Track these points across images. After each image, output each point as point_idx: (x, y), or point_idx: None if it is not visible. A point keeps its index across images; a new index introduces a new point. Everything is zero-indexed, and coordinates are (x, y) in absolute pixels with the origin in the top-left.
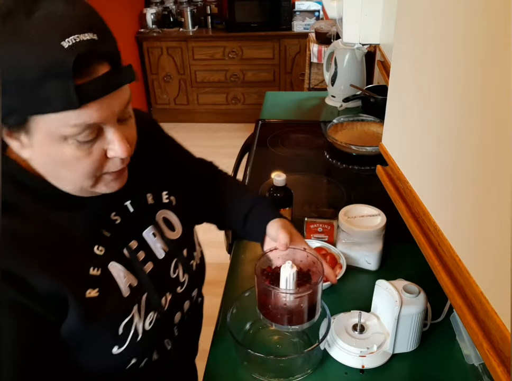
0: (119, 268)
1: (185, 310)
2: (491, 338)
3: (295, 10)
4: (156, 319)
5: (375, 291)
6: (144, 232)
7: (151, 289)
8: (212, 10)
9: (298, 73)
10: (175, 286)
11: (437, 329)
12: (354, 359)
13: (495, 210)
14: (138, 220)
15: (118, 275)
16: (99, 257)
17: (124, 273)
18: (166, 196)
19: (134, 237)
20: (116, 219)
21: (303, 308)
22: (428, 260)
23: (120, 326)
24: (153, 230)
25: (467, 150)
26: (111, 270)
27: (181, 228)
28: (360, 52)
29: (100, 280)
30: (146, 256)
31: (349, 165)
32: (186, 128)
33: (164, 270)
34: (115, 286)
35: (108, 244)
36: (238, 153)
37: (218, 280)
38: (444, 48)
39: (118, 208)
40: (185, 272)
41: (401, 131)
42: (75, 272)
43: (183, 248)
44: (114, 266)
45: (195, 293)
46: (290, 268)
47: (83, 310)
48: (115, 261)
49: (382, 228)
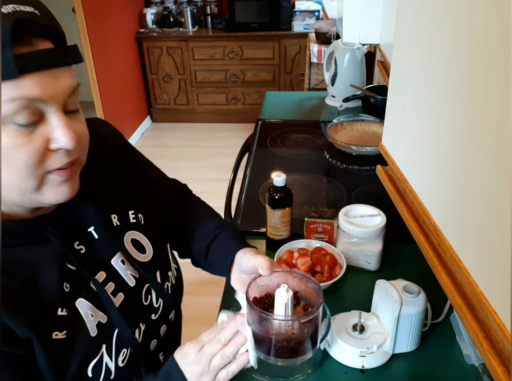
0: (86, 305)
1: (162, 335)
2: (491, 338)
3: (295, 10)
4: (130, 354)
5: (375, 291)
6: (112, 259)
7: (122, 324)
8: (212, 10)
9: (298, 73)
10: (149, 313)
11: (437, 329)
12: (354, 359)
13: (495, 210)
14: (105, 247)
15: (86, 313)
16: (66, 295)
17: (91, 311)
18: (133, 215)
19: (101, 268)
20: (80, 249)
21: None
22: (428, 260)
23: (89, 369)
24: (122, 256)
25: (467, 149)
26: (79, 308)
27: (152, 249)
28: (360, 52)
29: (67, 320)
30: (116, 287)
31: (349, 165)
32: (186, 128)
33: (135, 299)
34: (83, 326)
35: (74, 279)
36: (238, 153)
37: (218, 280)
38: (444, 48)
39: (81, 235)
40: (159, 297)
41: (401, 131)
42: (43, 316)
43: (155, 271)
44: (82, 303)
45: (172, 315)
46: (286, 292)
47: (49, 353)
48: (82, 298)
49: (382, 228)
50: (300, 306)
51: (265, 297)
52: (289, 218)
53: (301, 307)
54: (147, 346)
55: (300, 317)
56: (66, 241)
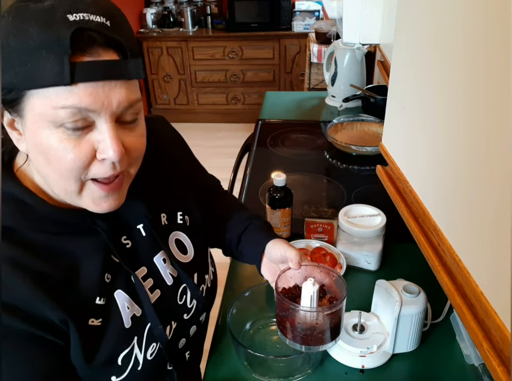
0: (124, 297)
1: (191, 335)
2: (491, 338)
3: (295, 10)
4: (158, 349)
5: (375, 291)
6: (155, 257)
7: (155, 320)
8: (212, 10)
9: (298, 73)
10: (182, 312)
11: (437, 329)
12: (354, 359)
13: (495, 210)
14: (150, 245)
15: (123, 305)
16: (106, 285)
17: (128, 303)
18: (181, 216)
19: (144, 264)
20: (126, 243)
21: (332, 324)
22: (428, 260)
23: (119, 358)
24: (164, 255)
25: (467, 149)
26: (117, 299)
27: (193, 251)
28: (360, 52)
29: (105, 309)
30: (155, 283)
31: (349, 165)
32: (186, 128)
33: (171, 297)
34: (118, 316)
35: (116, 271)
36: (238, 153)
37: (218, 280)
38: (444, 48)
39: (130, 231)
40: (193, 298)
41: (401, 131)
42: (81, 303)
43: (193, 273)
44: (120, 295)
45: (203, 317)
46: (312, 285)
47: (84, 338)
48: (121, 289)
49: (382, 228)
50: (326, 298)
51: (293, 288)
52: (289, 218)
53: (326, 299)
54: (176, 343)
55: (324, 310)
56: (114, 234)
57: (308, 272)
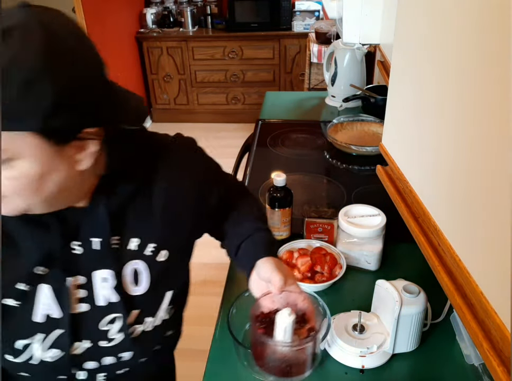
0: (48, 294)
1: (103, 363)
2: (491, 338)
3: (295, 10)
4: (59, 357)
5: (375, 291)
6: (95, 271)
7: (67, 329)
8: (212, 10)
9: (298, 73)
10: (98, 338)
11: (437, 329)
12: (354, 359)
13: (495, 210)
14: (98, 259)
15: (42, 300)
16: (33, 275)
17: (50, 301)
18: (153, 248)
19: (84, 274)
20: (75, 249)
21: (304, 358)
22: (428, 260)
23: (16, 342)
24: (109, 275)
25: (467, 149)
26: (38, 291)
27: (147, 287)
28: (360, 52)
29: (24, 295)
30: (88, 297)
31: (349, 165)
32: (186, 128)
33: (94, 318)
34: (30, 306)
35: (54, 268)
36: (238, 153)
37: (218, 280)
38: (444, 48)
39: (85, 240)
40: (121, 332)
41: (401, 131)
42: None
43: (134, 309)
44: (44, 289)
45: (128, 356)
46: (287, 316)
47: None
48: (51, 285)
49: (382, 228)
50: (305, 328)
51: (274, 313)
52: (289, 218)
53: (305, 329)
54: (82, 361)
55: (294, 345)
56: (65, 235)
57: (290, 299)
